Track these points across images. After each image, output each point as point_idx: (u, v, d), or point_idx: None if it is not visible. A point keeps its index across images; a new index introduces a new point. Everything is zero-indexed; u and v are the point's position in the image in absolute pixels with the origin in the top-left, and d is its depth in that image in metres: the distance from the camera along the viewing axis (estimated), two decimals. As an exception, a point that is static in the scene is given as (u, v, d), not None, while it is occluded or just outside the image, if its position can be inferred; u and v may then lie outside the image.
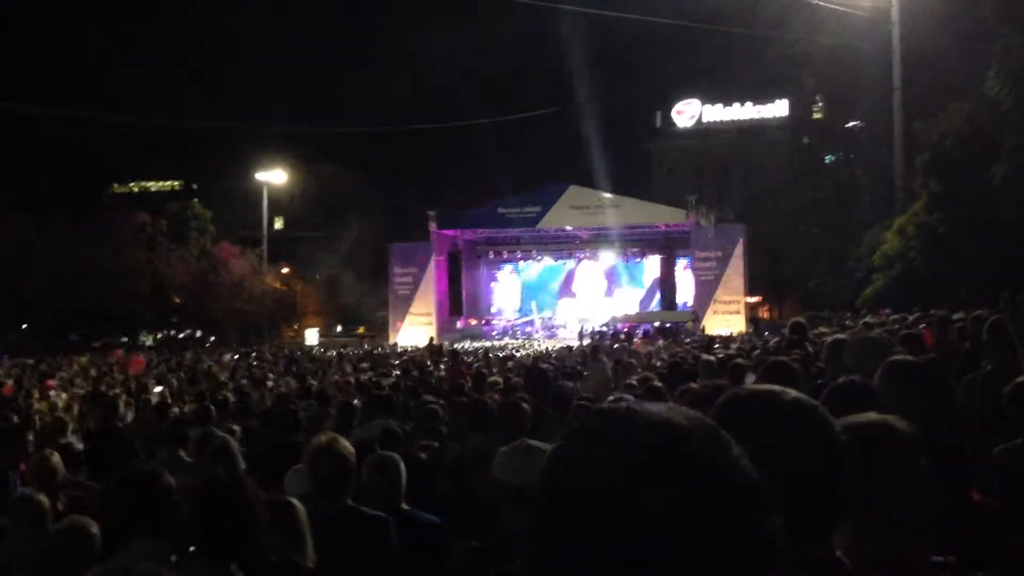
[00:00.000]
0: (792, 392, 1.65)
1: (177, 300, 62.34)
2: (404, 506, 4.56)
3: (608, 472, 0.89)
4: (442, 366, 17.61)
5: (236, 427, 8.76)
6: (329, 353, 32.21)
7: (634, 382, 9.10)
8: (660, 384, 7.91)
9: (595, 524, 0.87)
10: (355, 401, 9.75)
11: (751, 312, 49.48)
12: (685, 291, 46.93)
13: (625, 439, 0.91)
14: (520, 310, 52.54)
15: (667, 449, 0.90)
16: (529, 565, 0.96)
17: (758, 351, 12.26)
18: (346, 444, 4.22)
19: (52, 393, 15.44)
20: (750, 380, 6.23)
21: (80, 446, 7.83)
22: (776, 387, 1.69)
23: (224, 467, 5.32)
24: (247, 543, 3.21)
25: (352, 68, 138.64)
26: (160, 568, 1.84)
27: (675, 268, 46.75)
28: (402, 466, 4.66)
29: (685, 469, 0.89)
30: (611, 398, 7.02)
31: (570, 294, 52.17)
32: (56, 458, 5.64)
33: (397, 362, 22.20)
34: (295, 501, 3.65)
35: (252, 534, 3.31)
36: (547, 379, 7.36)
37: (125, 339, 55.56)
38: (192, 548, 3.07)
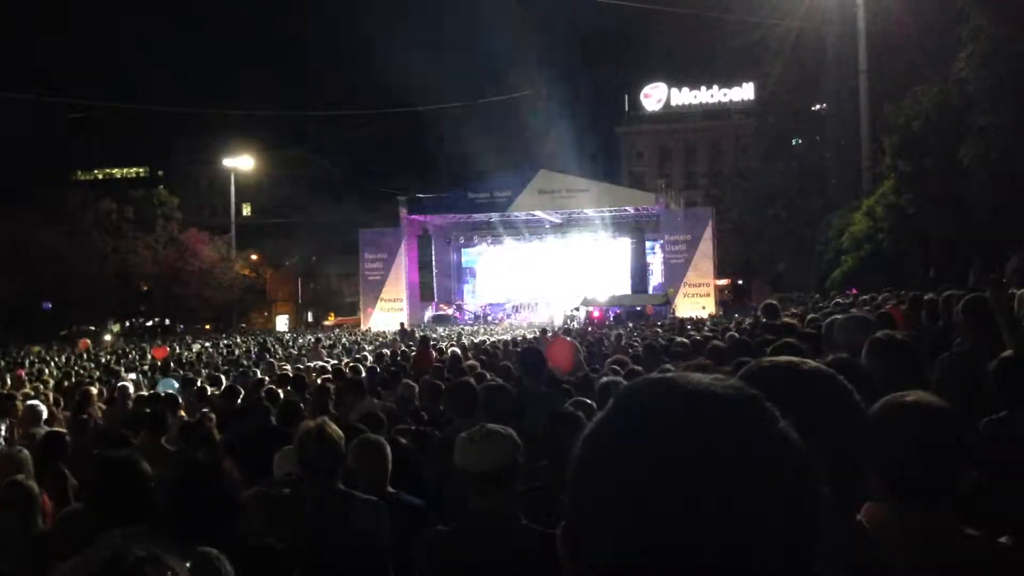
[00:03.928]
0: (810, 362, 1.68)
1: (145, 288, 61.77)
2: (389, 489, 4.57)
3: (654, 443, 0.88)
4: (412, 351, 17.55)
5: (212, 414, 8.75)
6: (300, 340, 32.09)
7: (611, 364, 9.14)
8: (639, 368, 7.93)
9: (643, 497, 0.85)
10: (330, 386, 9.74)
11: (720, 295, 49.82)
12: (655, 274, 47.15)
13: (671, 409, 0.90)
14: (490, 295, 52.51)
15: (714, 419, 0.88)
16: (568, 540, 0.93)
17: (731, 333, 12.32)
18: (336, 428, 4.21)
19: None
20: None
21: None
22: (793, 358, 1.71)
23: (205, 453, 5.31)
24: (227, 527, 3.21)
25: (320, 53, 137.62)
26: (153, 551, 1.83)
27: (645, 252, 46.90)
28: (388, 449, 4.67)
29: (734, 439, 0.87)
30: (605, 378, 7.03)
31: (540, 278, 52.15)
32: (24, 454, 5.50)
33: (370, 347, 22.17)
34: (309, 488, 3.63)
35: (232, 518, 3.31)
36: (542, 359, 7.25)
37: (93, 328, 54.90)
38: (172, 535, 3.06)
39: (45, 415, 8.98)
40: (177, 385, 12.66)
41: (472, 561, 3.09)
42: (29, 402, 9.50)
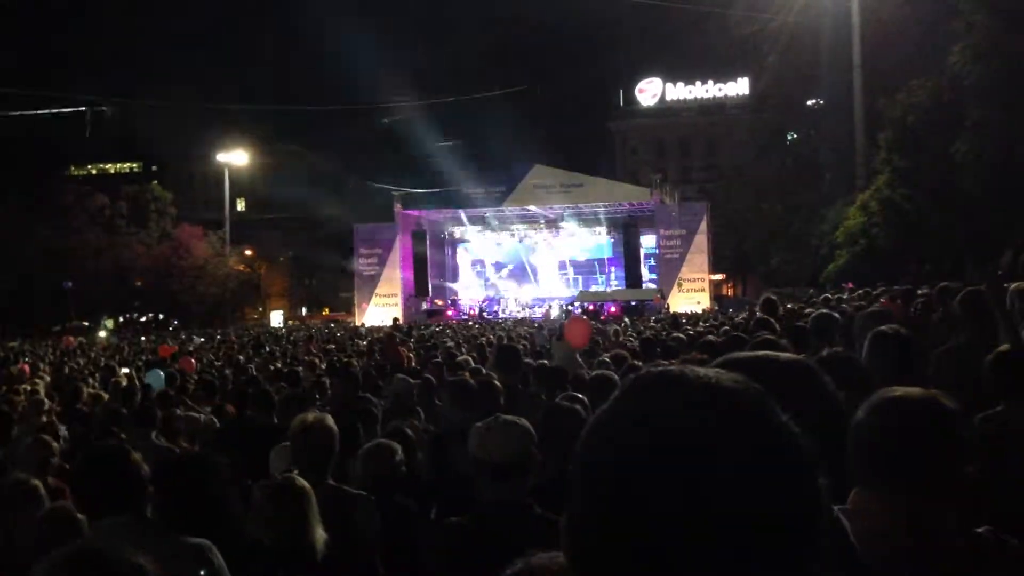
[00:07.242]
0: (785, 355, 1.67)
1: (138, 283, 61.65)
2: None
3: (662, 434, 0.87)
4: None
5: (208, 408, 8.72)
6: (293, 335, 32.00)
7: (606, 359, 9.12)
8: (638, 363, 7.91)
9: (650, 487, 0.85)
10: (325, 380, 9.71)
11: (715, 289, 49.86)
12: (649, 269, 47.18)
13: (680, 400, 0.90)
14: (485, 290, 52.53)
15: (722, 410, 0.89)
16: (571, 531, 0.92)
17: (726, 327, 12.30)
18: (328, 423, 4.18)
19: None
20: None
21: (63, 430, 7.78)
22: (769, 352, 1.70)
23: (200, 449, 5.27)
24: (217, 520, 3.19)
25: (314, 47, 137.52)
26: (125, 546, 1.80)
27: (639, 246, 46.91)
28: (397, 449, 4.64)
29: (742, 430, 0.88)
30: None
31: (535, 273, 52.17)
32: (54, 443, 5.53)
33: (364, 343, 22.11)
34: (300, 481, 3.60)
35: (223, 511, 3.28)
36: (518, 356, 7.27)
37: (86, 324, 54.79)
38: (165, 525, 3.05)
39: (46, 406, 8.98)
40: (163, 375, 12.55)
41: (488, 551, 3.08)
42: (36, 397, 9.51)
